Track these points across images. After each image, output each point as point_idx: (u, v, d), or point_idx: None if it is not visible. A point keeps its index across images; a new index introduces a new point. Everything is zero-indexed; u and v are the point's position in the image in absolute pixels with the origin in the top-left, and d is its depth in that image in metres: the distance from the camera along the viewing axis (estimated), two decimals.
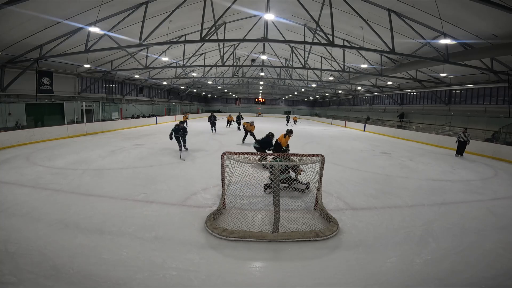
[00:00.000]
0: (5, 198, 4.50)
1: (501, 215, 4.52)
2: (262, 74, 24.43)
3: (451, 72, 14.27)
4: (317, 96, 43.16)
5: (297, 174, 5.14)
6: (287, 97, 47.14)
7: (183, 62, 16.14)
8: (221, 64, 14.74)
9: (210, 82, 28.74)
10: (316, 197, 4.33)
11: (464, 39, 9.93)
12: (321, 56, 17.44)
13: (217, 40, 10.48)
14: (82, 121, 14.31)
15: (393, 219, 4.19)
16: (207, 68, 21.85)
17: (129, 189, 5.17)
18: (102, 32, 10.07)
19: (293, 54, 17.37)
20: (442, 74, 14.33)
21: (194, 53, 17.01)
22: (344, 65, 15.76)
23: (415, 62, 13.20)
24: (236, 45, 17.24)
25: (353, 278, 2.72)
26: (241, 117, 19.59)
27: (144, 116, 23.26)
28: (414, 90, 21.00)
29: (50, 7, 8.77)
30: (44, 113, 13.63)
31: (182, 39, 14.19)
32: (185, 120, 20.54)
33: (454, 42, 10.07)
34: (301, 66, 15.18)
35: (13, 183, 5.33)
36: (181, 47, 15.03)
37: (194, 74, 22.31)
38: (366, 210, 4.54)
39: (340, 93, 33.36)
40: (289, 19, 12.93)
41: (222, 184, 4.22)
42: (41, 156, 7.98)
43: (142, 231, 3.51)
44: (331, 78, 22.08)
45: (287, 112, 48.60)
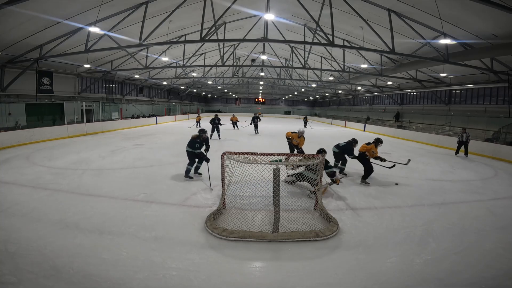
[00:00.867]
0: (5, 198, 4.50)
1: (501, 215, 4.52)
2: (262, 74, 24.43)
3: (451, 72, 14.26)
4: (317, 96, 43.15)
5: (333, 183, 5.16)
6: (287, 97, 47.14)
7: (183, 62, 16.14)
8: (221, 64, 14.74)
9: (210, 82, 28.74)
10: (316, 197, 4.33)
11: (464, 39, 9.93)
12: (321, 56, 17.43)
13: (217, 40, 10.49)
14: (82, 121, 14.31)
15: (393, 219, 4.19)
16: (207, 68, 21.83)
17: (129, 189, 5.16)
18: (102, 32, 10.06)
19: (293, 54, 17.37)
20: (442, 74, 14.33)
21: (194, 53, 17.01)
22: (344, 65, 15.76)
23: (415, 62, 13.20)
24: (236, 45, 17.24)
25: (353, 278, 2.72)
26: (259, 118, 16.71)
27: (144, 116, 23.25)
28: (414, 90, 20.99)
29: (50, 7, 8.76)
30: (44, 113, 13.63)
31: (182, 39, 14.19)
32: (198, 121, 20.04)
33: (454, 42, 10.07)
34: (301, 66, 15.18)
35: (13, 183, 5.33)
36: (181, 47, 15.03)
37: (194, 74, 22.30)
38: (366, 210, 4.54)
39: (340, 93, 33.35)
40: (289, 19, 12.92)
41: (222, 184, 4.23)
42: (41, 156, 7.98)
43: (142, 231, 3.51)
44: (331, 78, 22.08)
45: (287, 112, 48.78)
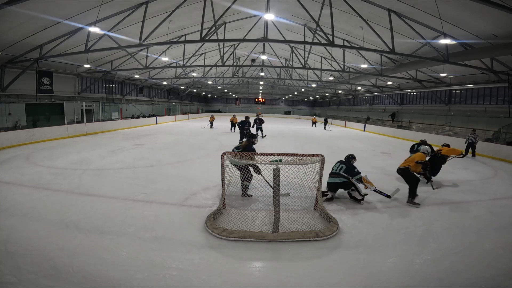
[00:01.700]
0: (5, 198, 4.50)
1: (501, 215, 4.52)
2: (262, 74, 24.43)
3: (451, 72, 14.27)
4: (317, 96, 43.16)
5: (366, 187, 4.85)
6: (287, 97, 47.15)
7: (183, 62, 16.14)
8: (221, 64, 14.75)
9: (210, 82, 28.74)
10: (316, 197, 4.33)
11: (464, 39, 9.93)
12: (321, 56, 17.44)
13: (217, 40, 10.50)
14: (82, 121, 14.30)
15: (393, 219, 4.19)
16: (207, 68, 21.83)
17: (129, 189, 5.16)
18: (102, 32, 10.06)
19: (293, 54, 17.38)
20: (442, 74, 14.33)
21: (194, 53, 17.01)
22: (344, 65, 15.77)
23: (415, 62, 13.20)
24: (236, 45, 17.24)
25: (353, 278, 2.72)
26: (262, 120, 14.80)
27: (144, 116, 23.25)
28: (414, 90, 20.99)
29: (50, 7, 8.76)
30: (44, 113, 13.63)
31: (182, 39, 14.19)
32: (212, 122, 19.74)
33: (454, 42, 10.07)
34: (301, 66, 15.19)
35: (13, 183, 5.33)
36: (181, 47, 15.03)
37: (194, 74, 22.31)
38: (366, 210, 4.54)
39: (340, 93, 33.36)
40: (289, 19, 12.92)
41: (222, 184, 4.22)
42: (41, 156, 7.98)
43: (142, 231, 3.51)
44: (331, 78, 22.08)
45: (287, 112, 48.76)
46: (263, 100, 48.68)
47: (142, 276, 2.62)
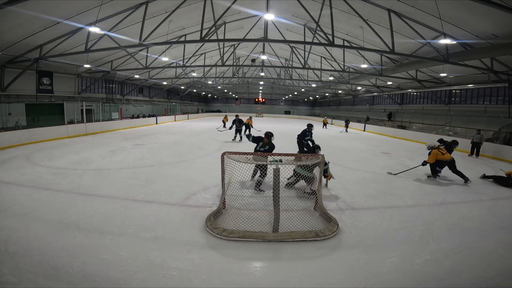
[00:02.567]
0: (5, 198, 4.50)
1: (501, 215, 4.51)
2: (262, 74, 24.44)
3: (451, 72, 14.27)
4: (317, 96, 43.17)
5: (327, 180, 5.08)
6: (287, 97, 47.18)
7: (183, 62, 16.15)
8: (221, 64, 14.75)
9: (210, 82, 28.74)
10: (316, 197, 4.33)
11: (464, 39, 9.93)
12: (321, 56, 17.44)
13: (217, 40, 10.49)
14: (82, 121, 14.30)
15: (393, 219, 4.19)
16: (207, 68, 21.85)
17: (129, 189, 5.16)
18: (102, 32, 10.07)
19: (293, 54, 17.38)
20: (442, 74, 14.34)
21: (194, 53, 17.01)
22: (344, 65, 15.77)
23: (415, 62, 13.20)
24: (236, 45, 17.24)
25: (353, 278, 2.72)
26: (241, 122, 12.74)
27: (144, 116, 23.26)
28: (414, 90, 21.00)
29: (50, 7, 8.77)
30: (44, 113, 13.63)
31: (182, 39, 14.20)
32: (225, 122, 19.12)
33: (454, 42, 10.07)
34: (301, 66, 15.19)
35: (13, 183, 5.33)
36: (181, 47, 15.04)
37: (194, 74, 22.31)
38: (366, 210, 4.54)
39: (340, 93, 33.36)
40: (289, 19, 12.93)
41: (222, 184, 4.22)
42: (41, 156, 7.98)
43: (142, 231, 3.51)
44: (331, 78, 22.08)
45: (287, 112, 48.76)
46: (263, 100, 48.69)
47: (142, 276, 2.62)
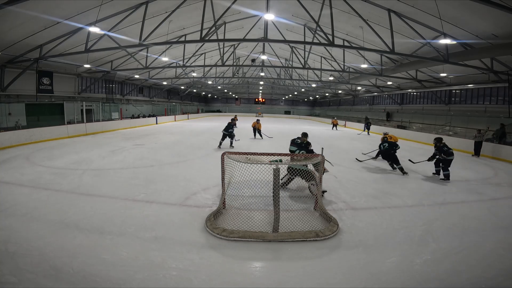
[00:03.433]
0: (5, 198, 4.50)
1: (501, 215, 4.51)
2: (262, 74, 24.43)
3: (451, 72, 14.26)
4: (317, 96, 43.15)
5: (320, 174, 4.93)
6: (287, 97, 47.16)
7: (183, 62, 16.14)
8: (221, 64, 14.75)
9: (210, 82, 28.74)
10: (316, 197, 4.33)
11: (464, 39, 9.92)
12: (321, 56, 17.43)
13: (217, 40, 10.49)
14: (82, 121, 14.31)
15: (393, 219, 4.19)
16: (207, 68, 21.83)
17: (129, 189, 5.16)
18: (102, 32, 10.06)
19: (293, 54, 17.37)
20: (442, 74, 14.33)
21: (194, 53, 17.01)
22: (344, 65, 15.76)
23: (415, 62, 13.19)
24: (236, 45, 17.23)
25: (353, 278, 2.72)
26: (230, 125, 10.90)
27: (144, 116, 23.27)
28: (414, 90, 20.99)
29: (50, 7, 8.76)
30: (44, 113, 13.63)
31: (182, 39, 14.19)
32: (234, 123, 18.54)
33: (454, 42, 10.07)
34: (301, 66, 15.19)
35: (13, 183, 5.33)
36: (181, 47, 15.03)
37: (194, 74, 22.30)
38: (366, 210, 4.54)
39: (340, 93, 33.35)
40: (289, 19, 12.92)
41: (222, 184, 4.22)
42: (41, 156, 7.98)
43: (142, 231, 3.51)
44: (331, 78, 22.07)
45: (287, 112, 48.73)
46: (263, 100, 48.69)
47: (142, 276, 2.62)
